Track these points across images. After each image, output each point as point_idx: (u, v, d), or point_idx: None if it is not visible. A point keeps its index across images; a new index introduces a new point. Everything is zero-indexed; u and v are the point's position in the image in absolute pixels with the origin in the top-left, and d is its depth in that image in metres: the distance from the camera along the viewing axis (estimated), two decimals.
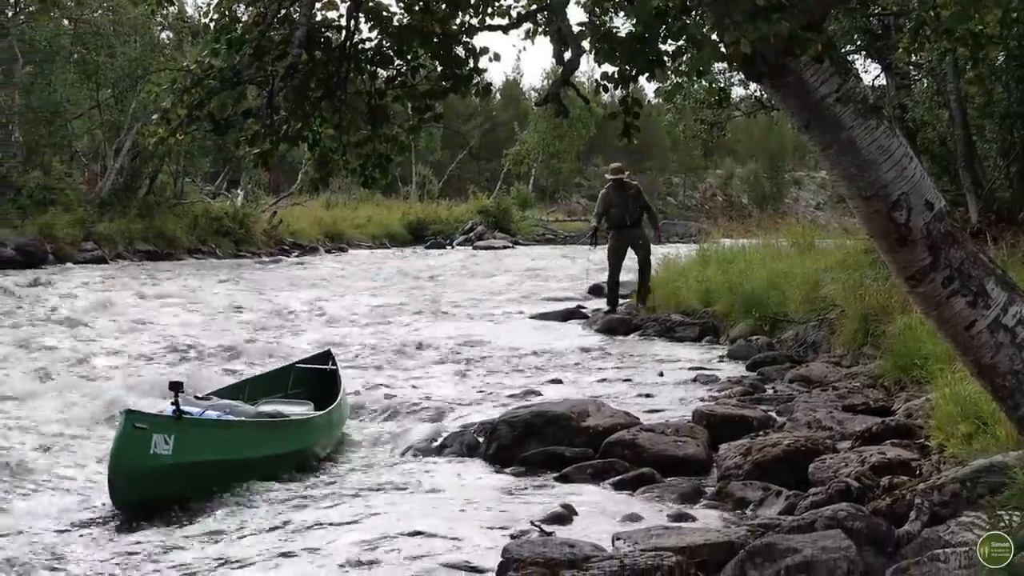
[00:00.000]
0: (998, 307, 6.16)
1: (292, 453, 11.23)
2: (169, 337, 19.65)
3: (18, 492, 10.14)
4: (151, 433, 9.49)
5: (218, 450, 10.17)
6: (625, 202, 22.92)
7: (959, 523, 6.77)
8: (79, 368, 16.57)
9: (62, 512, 9.59)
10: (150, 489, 9.45)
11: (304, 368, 14.18)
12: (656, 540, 8.27)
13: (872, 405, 12.60)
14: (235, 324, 22.59)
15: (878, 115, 6.31)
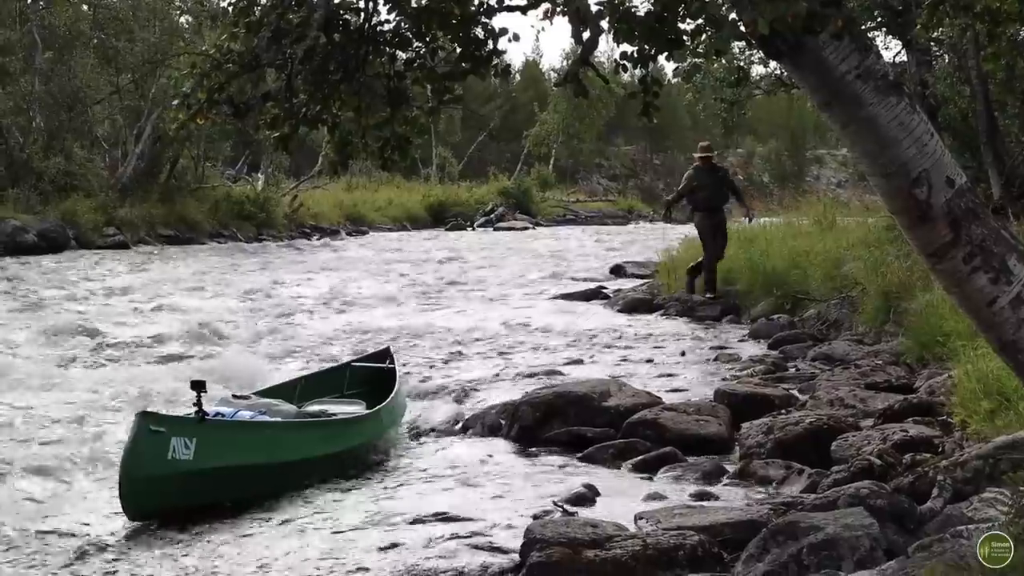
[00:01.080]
0: (1020, 283, 6.14)
1: (333, 455, 10.34)
2: (195, 323, 19.60)
3: (28, 493, 9.50)
4: (169, 436, 8.72)
5: (246, 454, 9.40)
6: (713, 184, 21.64)
7: (982, 500, 6.77)
8: (104, 354, 16.59)
9: (75, 519, 8.89)
10: (168, 498, 8.73)
11: (360, 366, 13.45)
12: (678, 519, 8.30)
13: (894, 383, 12.59)
14: (259, 309, 22.61)
15: (899, 92, 6.28)
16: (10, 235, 33.78)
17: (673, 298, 22.46)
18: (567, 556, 7.38)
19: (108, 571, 7.81)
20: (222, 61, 6.74)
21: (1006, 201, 18.82)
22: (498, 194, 64.94)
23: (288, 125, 7.02)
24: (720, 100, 26.21)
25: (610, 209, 72.11)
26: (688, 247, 25.71)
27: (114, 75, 44.61)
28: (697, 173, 21.40)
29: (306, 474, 9.92)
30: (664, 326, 20.25)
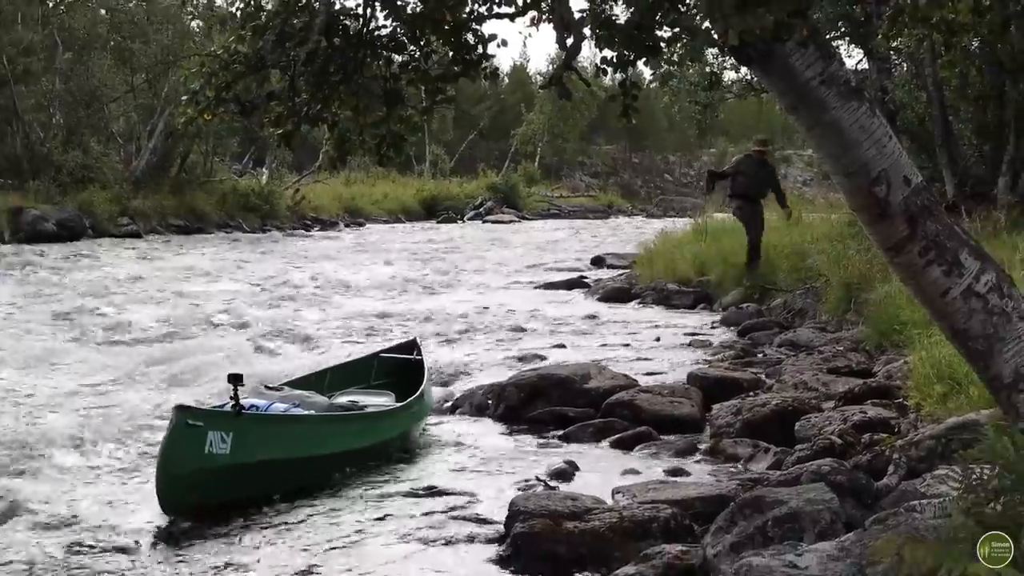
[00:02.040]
0: (971, 275, 6.16)
1: (367, 448, 9.77)
2: (205, 307, 19.64)
3: (55, 484, 8.92)
4: (206, 431, 8.17)
5: (283, 448, 8.85)
6: (756, 176, 20.08)
7: (934, 476, 6.78)
8: (121, 336, 16.56)
9: (106, 514, 8.29)
10: (205, 492, 8.17)
11: (388, 357, 12.70)
12: (653, 493, 8.31)
13: (854, 368, 12.60)
14: (264, 294, 22.59)
15: (860, 97, 6.30)
16: (31, 224, 33.87)
17: (650, 287, 22.48)
18: (548, 527, 7.38)
19: (143, 566, 7.32)
20: (229, 62, 6.74)
21: (959, 199, 18.87)
22: (487, 189, 64.93)
23: (291, 123, 7.02)
24: (695, 103, 26.27)
25: (591, 204, 72.18)
26: (664, 241, 25.75)
27: (129, 75, 44.71)
28: (745, 160, 20.31)
29: (341, 467, 9.37)
30: (641, 314, 20.27)
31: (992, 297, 6.17)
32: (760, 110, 70.57)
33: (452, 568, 7.26)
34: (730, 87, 27.20)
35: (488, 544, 7.67)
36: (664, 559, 6.86)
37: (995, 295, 6.18)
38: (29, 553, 7.37)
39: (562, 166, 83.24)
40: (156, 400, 11.83)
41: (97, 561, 7.35)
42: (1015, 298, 6.24)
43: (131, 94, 44.65)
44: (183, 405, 8.57)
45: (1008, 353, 6.12)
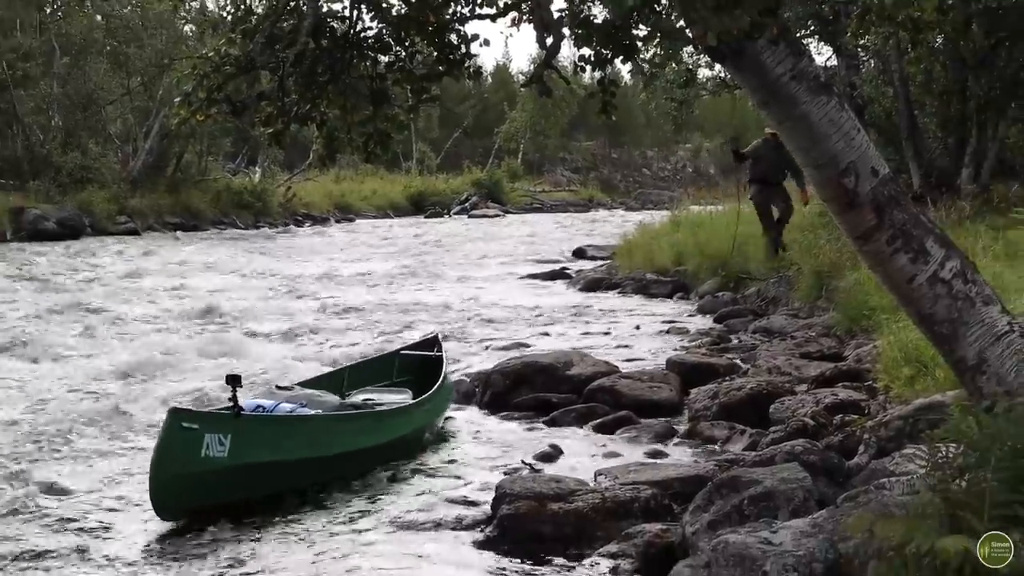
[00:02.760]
0: (936, 262, 6.18)
1: (376, 447, 9.22)
2: (202, 301, 19.58)
3: (47, 479, 8.63)
4: (203, 433, 7.76)
5: (284, 449, 8.34)
6: (773, 159, 18.72)
7: (902, 455, 6.80)
8: (121, 329, 16.53)
9: (97, 514, 7.97)
10: (202, 496, 7.76)
11: (409, 354, 12.22)
12: (634, 475, 8.31)
13: (826, 352, 12.63)
14: (258, 288, 22.59)
15: (829, 92, 6.31)
16: (32, 223, 33.78)
17: (629, 277, 22.51)
18: (534, 509, 7.39)
19: (135, 567, 6.96)
20: (220, 64, 6.72)
21: (925, 190, 18.93)
22: (472, 185, 64.91)
23: (281, 122, 7.02)
24: (671, 100, 26.24)
25: (573, 198, 72.14)
26: (643, 232, 25.75)
27: (125, 78, 44.64)
28: (763, 145, 19.19)
29: (348, 467, 8.93)
30: (621, 303, 20.27)
31: (956, 283, 6.19)
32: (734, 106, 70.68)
33: (440, 550, 7.25)
34: (704, 84, 27.21)
35: (475, 526, 7.67)
36: (645, 537, 6.89)
37: (959, 281, 6.20)
38: (21, 551, 7.17)
39: (544, 162, 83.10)
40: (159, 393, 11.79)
41: (89, 563, 7.03)
42: (978, 284, 6.26)
43: (127, 97, 44.62)
44: (177, 407, 8.26)
45: (972, 336, 6.14)
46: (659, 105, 29.20)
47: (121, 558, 7.13)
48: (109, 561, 7.07)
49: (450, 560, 7.02)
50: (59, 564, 6.98)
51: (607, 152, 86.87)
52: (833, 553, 5.16)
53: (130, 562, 7.08)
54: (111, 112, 44.65)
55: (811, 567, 5.11)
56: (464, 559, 7.04)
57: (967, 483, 4.30)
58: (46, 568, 6.90)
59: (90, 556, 7.15)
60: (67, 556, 7.11)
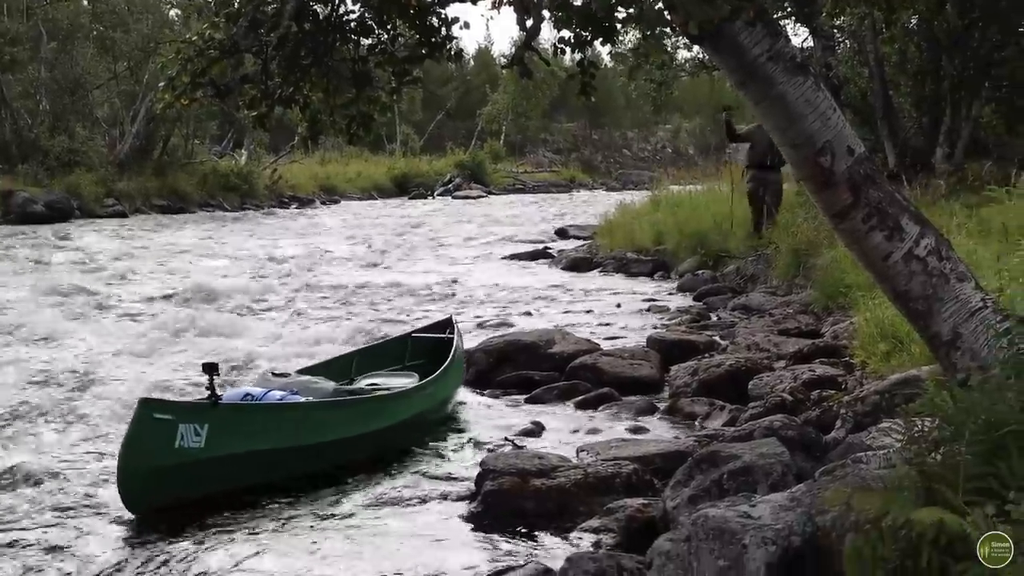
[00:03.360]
0: (911, 240, 6.17)
1: (371, 433, 8.79)
2: (189, 282, 19.54)
3: (25, 463, 8.34)
4: (176, 423, 7.38)
5: (264, 438, 7.93)
6: (768, 142, 16.67)
7: (878, 429, 6.81)
8: (107, 311, 16.47)
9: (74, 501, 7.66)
10: (177, 488, 7.38)
11: (421, 337, 11.84)
12: (615, 451, 8.32)
13: (803, 329, 12.66)
14: (244, 269, 22.52)
15: (805, 72, 6.30)
16: (21, 205, 33.81)
17: (610, 257, 22.54)
18: (517, 484, 7.39)
19: (109, 567, 6.57)
20: (204, 48, 6.67)
21: (899, 169, 18.99)
22: (455, 166, 64.82)
23: (265, 105, 6.98)
24: (650, 81, 26.23)
25: (554, 179, 72.10)
26: (623, 212, 25.76)
27: (111, 63, 44.58)
28: (758, 130, 19.11)
29: (337, 456, 8.49)
30: (602, 281, 20.29)
31: (931, 260, 6.19)
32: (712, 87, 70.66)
33: (426, 525, 7.25)
34: (683, 66, 27.22)
35: (460, 501, 7.67)
36: (626, 512, 6.89)
37: (934, 258, 6.20)
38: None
39: (526, 143, 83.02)
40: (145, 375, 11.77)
41: (62, 554, 6.73)
42: (952, 260, 6.26)
43: (114, 81, 44.57)
44: (148, 398, 7.89)
45: (946, 312, 6.14)
46: (639, 86, 29.12)
47: (89, 551, 6.82)
48: (75, 555, 6.77)
49: (435, 536, 7.01)
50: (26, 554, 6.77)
51: (588, 133, 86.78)
52: (811, 526, 5.16)
53: (98, 556, 6.74)
54: (98, 96, 44.61)
55: (789, 540, 5.11)
56: (449, 535, 7.03)
57: (942, 456, 4.30)
58: (12, 558, 6.67)
59: (57, 547, 6.87)
60: (32, 546, 6.87)
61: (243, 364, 12.14)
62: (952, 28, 19.80)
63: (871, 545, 4.08)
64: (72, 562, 6.62)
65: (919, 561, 3.88)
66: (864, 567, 4.15)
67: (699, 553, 5.23)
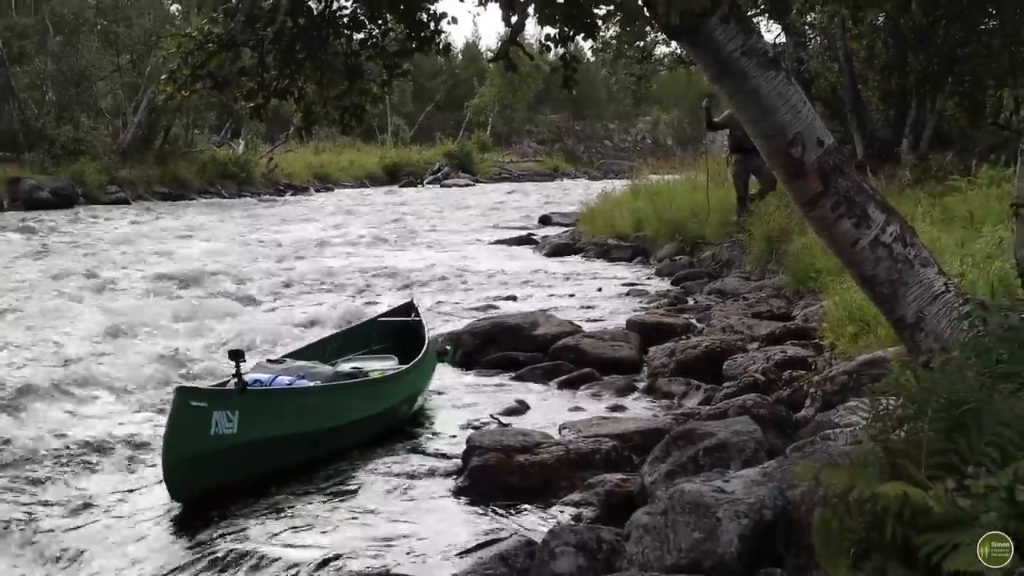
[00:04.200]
0: (878, 227, 6.18)
1: (377, 415, 8.78)
2: (191, 265, 19.51)
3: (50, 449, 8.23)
4: (211, 411, 7.22)
5: (290, 422, 7.83)
6: None
7: (846, 408, 6.82)
8: (113, 293, 16.39)
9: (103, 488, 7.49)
10: (214, 474, 7.20)
11: (386, 321, 11.72)
12: (596, 428, 8.33)
13: (776, 312, 12.68)
14: (243, 253, 22.46)
15: (777, 66, 6.29)
16: (28, 192, 33.80)
17: (592, 243, 22.54)
18: (502, 460, 7.39)
19: (155, 553, 6.41)
20: (203, 42, 6.66)
21: (867, 159, 19.00)
22: (444, 156, 64.82)
23: (261, 96, 6.97)
24: (630, 75, 26.21)
25: (539, 168, 72.05)
26: (605, 200, 25.74)
27: (115, 56, 44.52)
28: (733, 116, 18.75)
29: (351, 437, 8.43)
30: (584, 266, 20.29)
31: (897, 246, 6.20)
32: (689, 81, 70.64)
33: (414, 499, 7.24)
34: (661, 60, 27.19)
35: (447, 477, 7.66)
36: (606, 487, 6.89)
37: (899, 244, 6.21)
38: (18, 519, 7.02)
39: (512, 134, 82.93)
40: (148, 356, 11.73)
41: (98, 543, 6.61)
42: (917, 247, 6.27)
43: (117, 73, 44.53)
44: (185, 387, 7.72)
45: (910, 296, 6.15)
46: (619, 80, 29.12)
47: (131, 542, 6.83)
48: (105, 542, 6.85)
49: (422, 509, 7.01)
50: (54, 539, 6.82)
51: (571, 125, 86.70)
52: (782, 500, 5.17)
53: (138, 548, 6.58)
54: (102, 88, 44.53)
55: (761, 513, 5.12)
56: (436, 509, 7.02)
57: (906, 433, 4.31)
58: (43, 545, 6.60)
59: (84, 535, 6.94)
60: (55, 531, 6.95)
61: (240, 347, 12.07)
62: (917, 25, 19.80)
63: (838, 518, 4.09)
64: (104, 554, 6.50)
65: (884, 533, 3.89)
66: (832, 539, 4.16)
67: (675, 526, 5.24)
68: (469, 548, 6.16)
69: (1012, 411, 4.17)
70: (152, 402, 9.78)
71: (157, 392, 10.11)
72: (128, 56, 44.15)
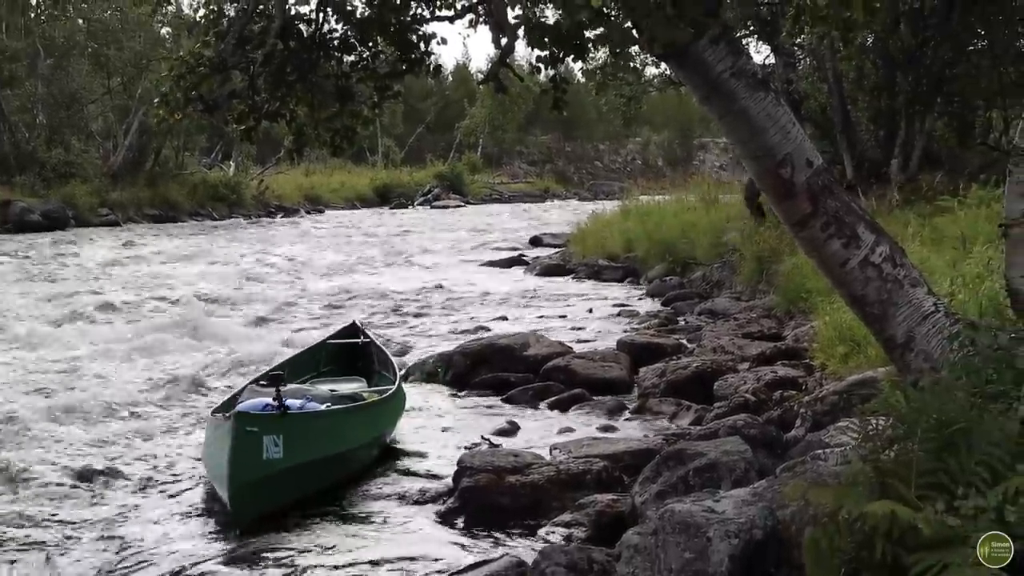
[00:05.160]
0: (867, 247, 6.20)
1: (383, 434, 8.96)
2: (180, 287, 19.52)
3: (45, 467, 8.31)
4: (261, 435, 7.19)
5: (325, 445, 7.81)
6: None
7: (836, 428, 6.84)
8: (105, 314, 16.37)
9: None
10: (269, 500, 7.16)
11: (335, 343, 11.68)
12: (586, 449, 8.33)
13: (766, 332, 12.71)
14: (233, 275, 22.42)
15: (766, 88, 6.32)
16: (18, 215, 33.80)
17: (582, 263, 22.58)
18: (493, 481, 7.39)
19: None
20: (195, 65, 6.66)
21: (856, 180, 19.03)
22: (435, 177, 64.88)
23: (252, 119, 6.98)
24: (620, 96, 26.25)
25: (529, 189, 72.18)
26: (595, 221, 25.79)
27: (106, 78, 44.55)
28: None
29: (367, 457, 8.51)
30: (575, 287, 20.31)
31: (886, 266, 6.22)
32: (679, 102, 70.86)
33: (405, 520, 7.24)
34: (651, 81, 27.25)
35: (438, 497, 7.66)
36: (597, 507, 6.90)
37: (889, 265, 6.23)
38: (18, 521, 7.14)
39: (502, 155, 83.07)
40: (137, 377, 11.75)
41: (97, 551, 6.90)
42: (906, 267, 6.29)
43: (108, 96, 44.55)
44: (240, 412, 7.52)
45: (900, 316, 6.17)
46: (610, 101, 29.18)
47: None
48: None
49: (413, 530, 7.01)
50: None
51: (561, 146, 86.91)
52: (772, 520, 5.18)
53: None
54: (93, 110, 44.62)
55: (751, 533, 5.13)
56: (427, 530, 7.03)
57: (896, 453, 4.32)
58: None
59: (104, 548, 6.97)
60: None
61: (229, 369, 12.12)
62: (906, 46, 19.88)
63: (828, 537, 4.10)
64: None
65: (874, 553, 3.90)
66: (822, 558, 4.17)
67: (666, 546, 5.24)
68: (460, 569, 6.16)
69: (1001, 431, 4.18)
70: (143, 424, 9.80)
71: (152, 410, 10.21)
72: (119, 79, 44.21)
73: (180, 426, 9.79)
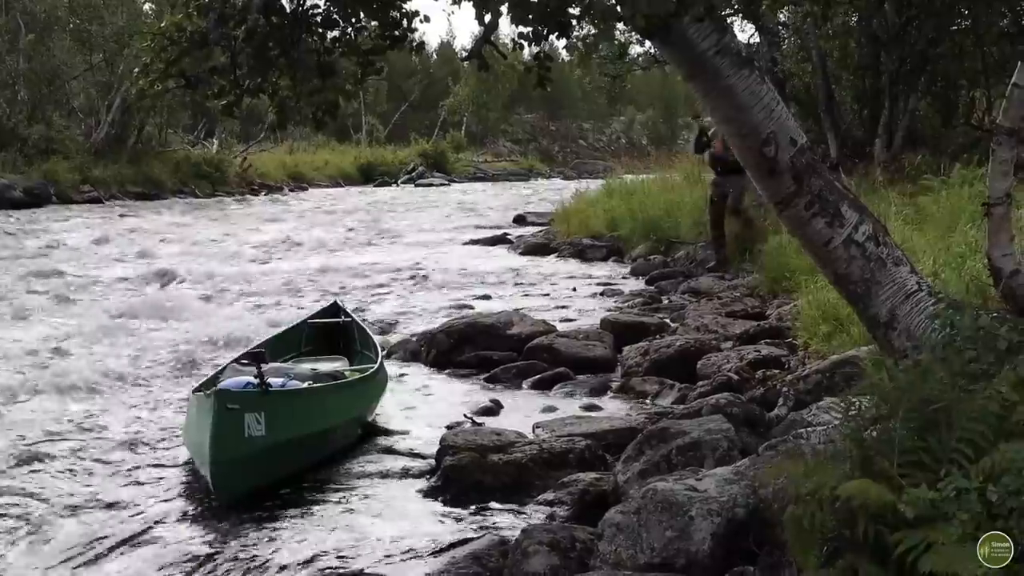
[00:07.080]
0: (851, 226, 6.20)
1: (365, 411, 8.99)
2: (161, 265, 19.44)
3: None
4: (243, 413, 7.12)
5: (307, 422, 7.78)
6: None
7: (819, 407, 6.84)
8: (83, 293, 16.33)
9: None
10: (251, 477, 7.14)
11: (316, 323, 11.59)
12: (570, 427, 8.33)
13: (750, 311, 12.72)
14: (215, 254, 22.38)
15: (750, 66, 6.31)
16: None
17: (566, 242, 22.54)
18: (475, 460, 7.38)
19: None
20: (176, 39, 6.62)
21: (841, 159, 19.09)
22: (418, 156, 64.75)
23: (233, 94, 6.92)
24: (604, 74, 26.24)
25: (514, 168, 72.03)
26: (579, 200, 25.75)
27: (87, 54, 44.25)
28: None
29: (351, 435, 8.53)
30: (559, 266, 20.28)
31: (869, 245, 6.22)
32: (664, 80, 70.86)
33: (387, 499, 7.23)
34: (636, 59, 27.23)
35: (420, 476, 7.65)
36: (580, 486, 6.89)
37: (872, 243, 6.23)
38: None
39: (486, 134, 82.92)
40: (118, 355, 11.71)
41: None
42: (889, 246, 6.30)
43: (90, 72, 44.25)
44: (221, 389, 7.49)
45: (883, 295, 6.18)
46: (594, 79, 29.22)
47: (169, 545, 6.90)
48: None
49: (396, 509, 7.00)
50: None
51: (546, 124, 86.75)
52: (754, 498, 5.18)
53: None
54: (75, 86, 44.44)
55: (733, 512, 5.13)
56: (409, 509, 7.01)
57: (878, 432, 4.33)
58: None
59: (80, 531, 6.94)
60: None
61: (210, 348, 12.07)
62: (890, 25, 19.91)
63: (810, 516, 4.10)
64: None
65: (856, 530, 3.90)
66: (804, 536, 4.17)
67: (648, 524, 5.24)
68: (442, 548, 6.16)
69: (982, 406, 4.18)
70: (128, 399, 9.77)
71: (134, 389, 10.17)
72: (101, 55, 43.92)
73: (161, 404, 9.74)
